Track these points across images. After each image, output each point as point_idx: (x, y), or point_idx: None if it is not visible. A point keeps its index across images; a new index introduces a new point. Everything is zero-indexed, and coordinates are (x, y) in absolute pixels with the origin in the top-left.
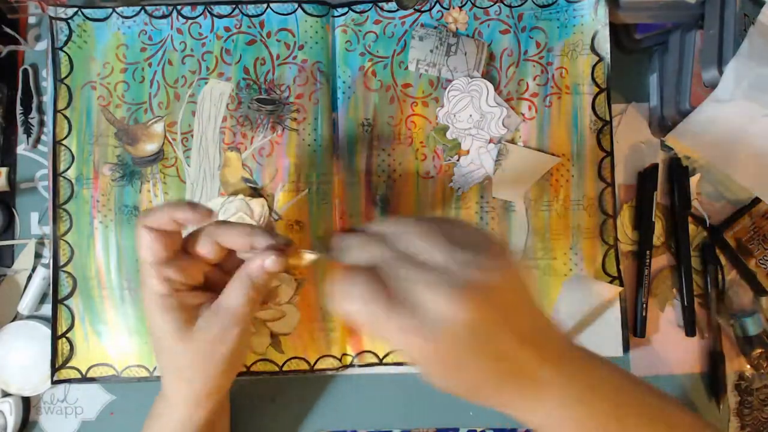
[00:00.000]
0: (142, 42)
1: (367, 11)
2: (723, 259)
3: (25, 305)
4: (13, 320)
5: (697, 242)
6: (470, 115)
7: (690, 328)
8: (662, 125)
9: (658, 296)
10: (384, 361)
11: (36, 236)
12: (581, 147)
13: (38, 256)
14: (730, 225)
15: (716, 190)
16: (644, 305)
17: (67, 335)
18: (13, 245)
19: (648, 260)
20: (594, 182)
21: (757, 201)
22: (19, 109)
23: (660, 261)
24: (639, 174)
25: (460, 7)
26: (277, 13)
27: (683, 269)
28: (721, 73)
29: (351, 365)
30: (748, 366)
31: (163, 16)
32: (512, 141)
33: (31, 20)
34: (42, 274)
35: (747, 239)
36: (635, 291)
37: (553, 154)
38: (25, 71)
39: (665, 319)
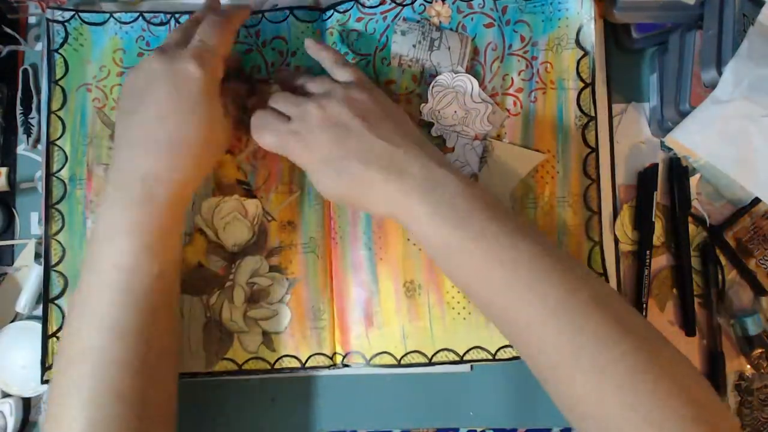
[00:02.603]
0: (140, 47)
1: (349, 10)
2: (723, 259)
3: (23, 305)
4: (14, 320)
5: (697, 242)
6: (455, 112)
7: (690, 328)
8: (662, 125)
9: (658, 296)
10: (371, 362)
11: (36, 236)
12: (566, 143)
13: (38, 256)
14: (730, 225)
15: (716, 190)
16: (644, 305)
17: (58, 335)
18: (13, 245)
19: (648, 260)
20: (579, 179)
21: (757, 201)
22: (19, 109)
23: (660, 261)
24: (639, 174)
25: (443, 1)
26: (270, 21)
27: (683, 269)
28: (720, 73)
29: (342, 364)
30: (748, 366)
31: (161, 24)
32: (498, 137)
33: (31, 20)
34: (38, 272)
35: (747, 239)
36: (635, 291)
37: (538, 150)
38: (25, 71)
39: (665, 319)
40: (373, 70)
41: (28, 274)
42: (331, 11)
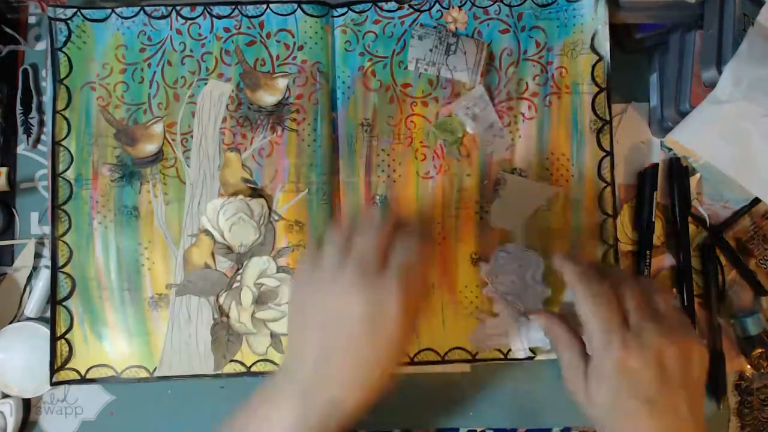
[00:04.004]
0: (142, 42)
1: (366, 11)
2: (723, 259)
3: (31, 308)
4: (14, 321)
5: (697, 242)
6: (513, 281)
7: None
8: (662, 125)
9: None
10: None
11: (36, 236)
12: (581, 147)
13: (38, 256)
14: (730, 225)
15: (716, 190)
16: None
17: (66, 336)
18: (13, 245)
19: (648, 260)
20: (594, 182)
21: (757, 201)
22: (19, 109)
23: (660, 261)
24: (639, 174)
25: (460, 7)
26: (276, 13)
27: (683, 269)
28: (720, 72)
29: None
30: (748, 366)
31: (163, 17)
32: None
33: (31, 20)
34: (46, 276)
35: (747, 239)
36: None
37: (551, 184)
38: (25, 71)
39: None
40: (390, 73)
41: (37, 278)
42: (345, 9)
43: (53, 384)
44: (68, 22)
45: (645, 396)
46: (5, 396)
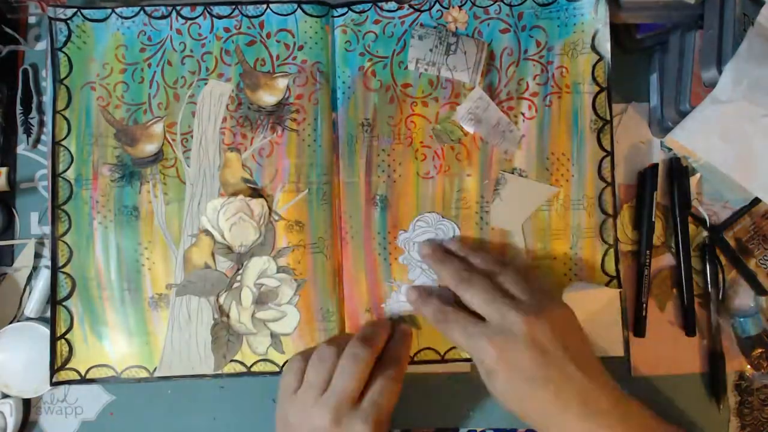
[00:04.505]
0: (142, 42)
1: (366, 11)
2: (723, 259)
3: (31, 308)
4: (14, 321)
5: (697, 242)
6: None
7: (690, 328)
8: (662, 125)
9: (658, 296)
10: None
11: (36, 236)
12: (581, 146)
13: (38, 256)
14: (730, 225)
15: (716, 190)
16: (644, 305)
17: (66, 336)
18: (13, 245)
19: (648, 260)
20: (594, 182)
21: (757, 201)
22: (19, 109)
23: (660, 261)
24: (639, 174)
25: (460, 7)
26: (276, 13)
27: (683, 269)
28: (720, 72)
29: None
30: (748, 366)
31: (163, 17)
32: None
33: (31, 20)
34: (46, 276)
35: (747, 239)
36: (635, 291)
37: (551, 184)
38: (25, 71)
39: (665, 319)
40: (390, 73)
41: (37, 278)
42: (345, 9)
43: (53, 384)
44: (68, 22)
45: (529, 376)
46: (5, 396)
